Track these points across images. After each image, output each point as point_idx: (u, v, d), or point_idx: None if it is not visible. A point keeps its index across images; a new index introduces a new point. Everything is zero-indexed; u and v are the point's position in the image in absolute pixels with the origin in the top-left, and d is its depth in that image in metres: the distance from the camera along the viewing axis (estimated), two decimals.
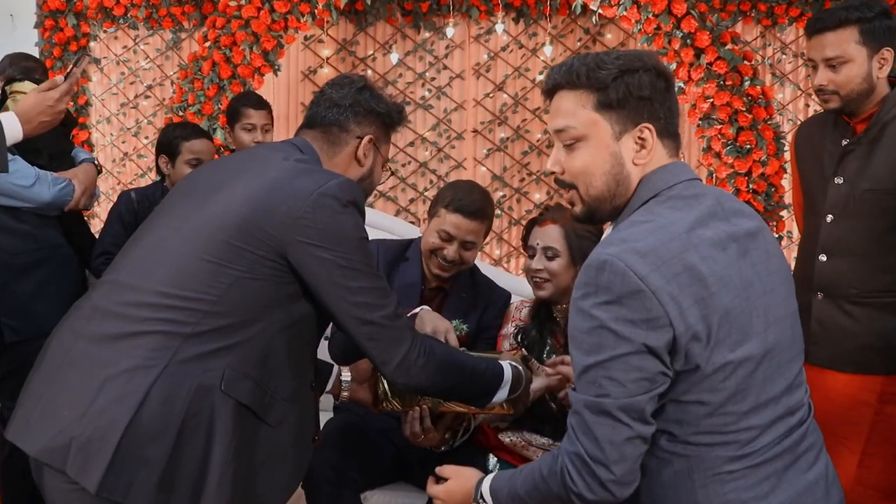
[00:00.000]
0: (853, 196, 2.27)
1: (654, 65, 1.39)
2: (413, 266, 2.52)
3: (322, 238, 1.53)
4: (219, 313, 1.50)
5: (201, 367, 1.48)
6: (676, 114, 1.44)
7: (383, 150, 1.79)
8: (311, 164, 1.66)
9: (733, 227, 1.38)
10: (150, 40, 4.77)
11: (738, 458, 1.32)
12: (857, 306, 2.30)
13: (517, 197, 4.74)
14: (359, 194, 1.61)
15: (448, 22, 4.45)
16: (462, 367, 1.75)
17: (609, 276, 1.26)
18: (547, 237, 2.29)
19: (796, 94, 4.50)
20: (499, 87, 4.66)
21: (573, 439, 1.31)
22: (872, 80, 2.21)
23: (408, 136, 4.73)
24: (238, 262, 1.51)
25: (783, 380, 1.38)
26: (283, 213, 1.52)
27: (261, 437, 1.56)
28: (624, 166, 1.40)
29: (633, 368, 1.26)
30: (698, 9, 3.69)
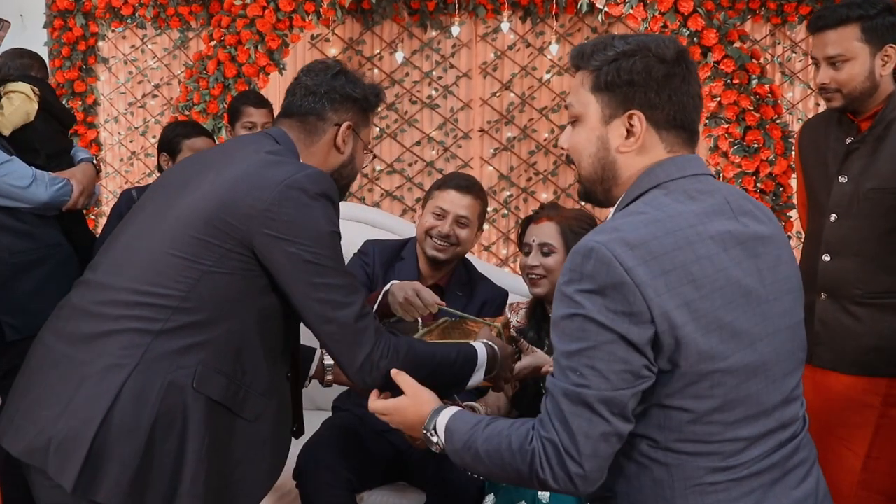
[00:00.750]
0: (857, 195, 2.23)
1: (658, 52, 1.34)
2: (409, 265, 2.52)
3: (287, 231, 1.50)
4: (188, 309, 1.48)
5: (173, 365, 1.47)
6: (689, 107, 1.37)
7: (363, 134, 1.77)
8: (284, 154, 1.63)
9: (741, 228, 1.33)
10: (157, 40, 4.78)
11: (721, 470, 1.27)
12: (861, 307, 2.26)
13: (524, 196, 4.71)
14: (330, 186, 1.57)
15: (455, 21, 4.44)
16: (429, 362, 1.69)
17: (594, 265, 1.23)
18: (543, 234, 2.29)
19: (806, 93, 4.44)
20: (506, 87, 4.64)
21: (548, 425, 1.26)
22: (875, 78, 2.18)
23: (414, 136, 4.71)
24: (206, 256, 1.49)
25: (778, 393, 1.33)
26: (247, 205, 1.50)
27: (237, 432, 1.55)
28: (609, 151, 1.37)
29: (617, 360, 1.22)
30: (705, 7, 3.66)
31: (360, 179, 4.74)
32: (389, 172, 4.75)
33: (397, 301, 2.13)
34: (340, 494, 2.21)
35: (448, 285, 2.52)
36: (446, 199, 2.43)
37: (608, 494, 1.33)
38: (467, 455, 1.38)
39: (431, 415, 1.47)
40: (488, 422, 1.38)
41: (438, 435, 1.44)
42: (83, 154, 2.76)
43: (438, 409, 1.47)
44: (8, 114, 2.51)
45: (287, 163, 1.60)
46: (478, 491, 2.23)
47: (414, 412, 1.52)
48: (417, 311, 2.11)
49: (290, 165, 1.59)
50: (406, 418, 1.54)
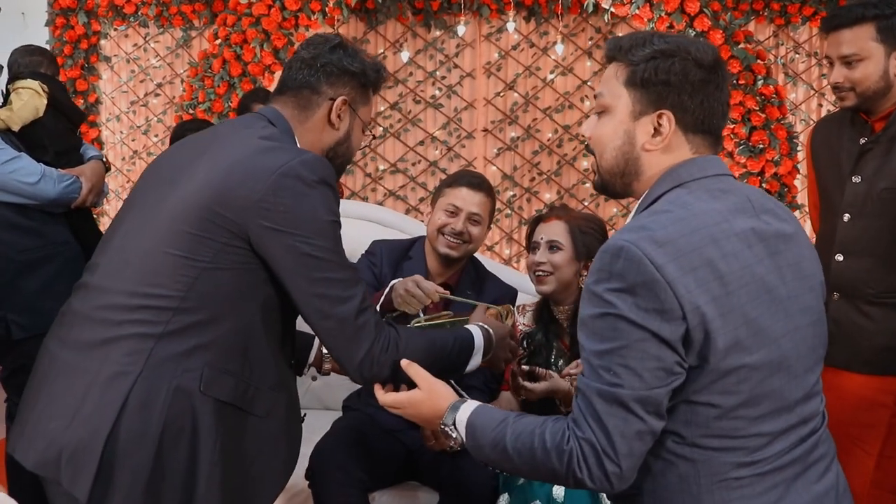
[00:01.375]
0: (871, 195, 2.23)
1: (696, 56, 1.34)
2: (417, 264, 2.51)
3: (285, 222, 1.43)
4: (189, 309, 1.43)
5: (178, 369, 1.42)
6: (717, 113, 1.38)
7: (362, 112, 1.69)
8: (279, 138, 1.56)
9: (763, 226, 1.33)
10: (160, 38, 4.77)
11: (746, 465, 1.28)
12: (874, 306, 2.26)
13: (527, 196, 4.71)
14: (328, 171, 1.50)
15: (459, 21, 4.43)
16: (428, 351, 1.63)
17: (624, 264, 1.23)
18: (551, 231, 2.29)
19: (809, 94, 4.45)
20: (509, 86, 4.64)
21: (584, 425, 1.26)
22: (889, 77, 2.18)
23: (418, 135, 4.71)
24: (202, 252, 1.44)
25: (800, 388, 1.34)
26: (242, 196, 1.43)
27: (249, 430, 1.52)
28: (634, 147, 1.38)
29: (651, 357, 1.22)
30: (711, 7, 3.66)
31: (364, 179, 4.73)
32: (393, 172, 4.74)
33: (398, 294, 2.13)
34: (353, 494, 2.20)
35: (458, 284, 2.52)
36: (458, 197, 2.42)
37: (634, 492, 1.33)
38: (493, 452, 1.37)
39: (450, 409, 1.46)
40: (515, 418, 1.37)
41: (458, 430, 1.43)
42: (93, 152, 2.75)
43: (457, 404, 1.46)
44: (17, 109, 2.50)
45: (282, 149, 1.52)
46: (492, 491, 2.22)
47: (430, 406, 1.51)
48: (419, 302, 2.10)
49: (285, 152, 1.50)
50: (421, 412, 1.52)
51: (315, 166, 1.47)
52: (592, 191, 4.69)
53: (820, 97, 4.45)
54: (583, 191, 4.71)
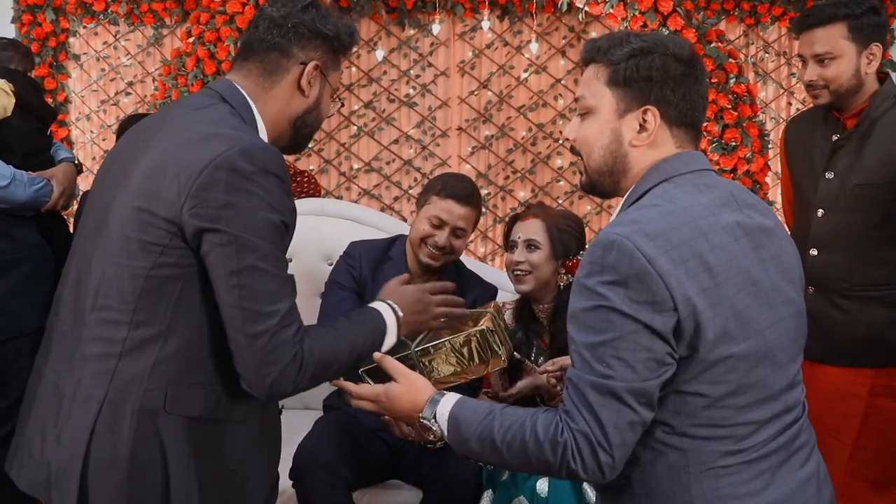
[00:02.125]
0: (844, 191, 2.28)
1: (675, 51, 1.37)
2: (397, 266, 2.49)
3: (215, 219, 1.30)
4: (143, 322, 1.34)
5: (141, 388, 1.34)
6: (698, 106, 1.41)
7: (332, 78, 1.56)
8: (225, 119, 1.41)
9: (747, 219, 1.36)
10: (130, 36, 4.71)
11: (733, 453, 1.31)
12: (848, 300, 2.31)
13: (502, 195, 4.73)
14: (273, 160, 1.36)
15: (433, 19, 4.43)
16: (342, 351, 1.49)
17: (616, 256, 1.25)
18: (528, 230, 2.30)
19: (779, 93, 4.53)
20: (483, 85, 4.65)
21: (577, 417, 1.27)
22: (861, 75, 2.23)
23: (392, 134, 4.70)
24: (145, 258, 1.34)
25: (784, 378, 1.37)
26: (175, 193, 1.32)
27: (228, 439, 1.44)
28: (622, 144, 1.40)
29: (643, 349, 1.24)
30: (684, 7, 3.70)
31: (338, 178, 4.72)
32: (367, 171, 4.73)
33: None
34: (338, 493, 2.20)
35: None
36: (444, 210, 2.39)
37: (623, 482, 1.35)
38: (479, 445, 1.37)
39: (430, 402, 1.44)
40: (501, 410, 1.37)
41: (439, 423, 1.42)
42: (64, 153, 2.69)
43: (437, 397, 1.45)
44: None
45: (218, 136, 1.36)
46: (475, 487, 2.23)
47: (408, 399, 1.48)
48: None
49: (223, 140, 1.35)
50: (398, 405, 1.49)
51: (254, 155, 1.34)
52: (567, 188, 4.72)
53: (789, 96, 4.53)
54: (557, 189, 4.74)
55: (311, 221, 2.94)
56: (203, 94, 1.50)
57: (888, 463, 2.33)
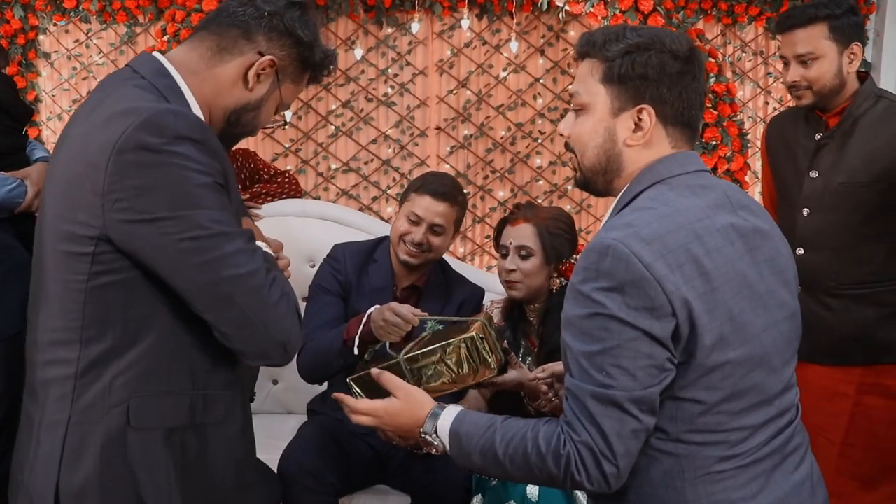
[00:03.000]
0: (828, 189, 2.30)
1: (672, 48, 1.34)
2: (382, 268, 2.47)
3: (143, 208, 1.17)
4: (94, 339, 1.24)
5: (104, 408, 1.25)
6: (695, 105, 1.37)
7: (285, 89, 1.41)
8: (128, 98, 1.25)
9: (741, 222, 1.35)
10: (103, 34, 4.61)
11: (728, 458, 1.30)
12: (834, 298, 2.33)
13: (481, 194, 4.71)
14: (184, 123, 1.21)
15: (412, 18, 4.40)
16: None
17: (612, 262, 1.22)
18: (520, 236, 2.26)
19: (756, 92, 4.55)
20: (462, 84, 4.62)
21: (579, 428, 1.25)
22: (843, 74, 2.25)
23: (370, 134, 4.66)
24: (78, 270, 1.23)
25: (779, 382, 1.36)
26: (89, 193, 1.20)
27: (210, 444, 1.35)
28: (616, 144, 1.37)
29: (643, 356, 1.22)
30: (664, 6, 3.70)
31: (316, 178, 4.67)
32: (345, 171, 4.68)
33: (378, 326, 2.09)
34: (325, 500, 2.17)
35: (425, 286, 2.49)
36: (421, 206, 2.38)
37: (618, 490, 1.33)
38: (481, 459, 1.35)
39: (430, 417, 1.43)
40: (502, 423, 1.35)
41: (440, 438, 1.40)
42: (40, 152, 2.62)
43: (437, 411, 1.43)
44: None
45: (118, 114, 1.21)
46: (464, 492, 2.21)
47: (408, 414, 1.46)
48: (400, 329, 2.06)
49: (121, 118, 1.20)
50: (398, 421, 1.48)
51: (160, 123, 1.19)
52: (546, 188, 4.71)
53: (766, 95, 4.55)
54: (536, 188, 4.73)
55: (292, 222, 2.90)
56: (117, 72, 1.37)
57: (876, 460, 2.35)
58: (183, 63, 1.36)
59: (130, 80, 1.31)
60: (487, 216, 4.72)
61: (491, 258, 4.74)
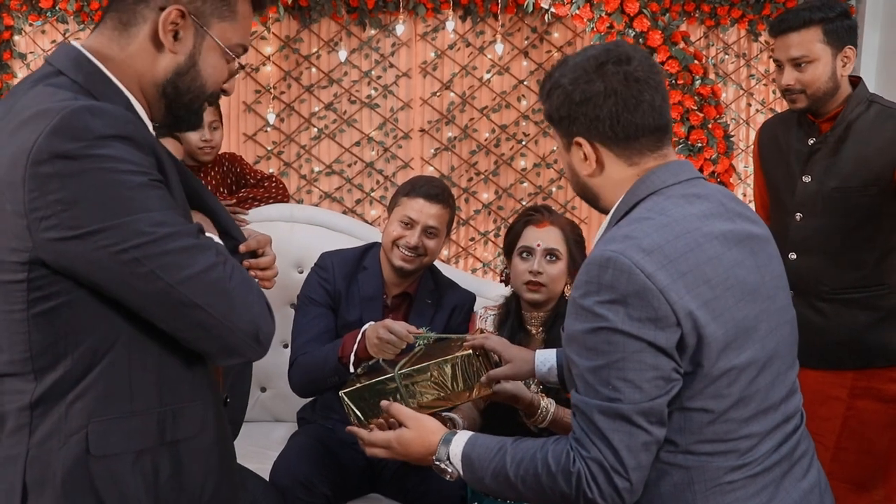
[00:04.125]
0: (821, 194, 2.31)
1: (572, 76, 1.34)
2: (372, 275, 2.44)
3: (71, 225, 1.06)
4: (46, 368, 1.14)
5: (61, 437, 1.15)
6: (631, 108, 1.31)
7: (217, 30, 1.24)
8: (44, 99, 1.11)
9: (738, 228, 1.35)
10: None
11: (738, 468, 1.29)
12: (827, 303, 2.33)
13: (465, 197, 4.68)
14: (105, 121, 1.08)
15: (395, 20, 4.37)
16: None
17: (613, 274, 1.22)
18: (549, 239, 2.19)
19: (738, 94, 4.57)
20: (446, 86, 4.60)
21: (588, 444, 1.25)
22: (837, 78, 2.26)
23: (354, 136, 4.62)
24: (15, 299, 1.12)
25: (783, 386, 1.37)
26: (9, 213, 1.08)
27: (185, 460, 1.25)
28: (579, 176, 1.42)
29: (649, 367, 1.21)
30: (650, 8, 3.70)
31: (299, 181, 4.62)
32: (328, 174, 4.64)
33: (372, 343, 2.06)
34: None
35: (416, 293, 2.47)
36: (414, 209, 2.36)
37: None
38: (494, 482, 1.36)
39: (442, 443, 1.43)
40: (512, 444, 1.35)
41: (453, 464, 1.41)
42: None
43: (448, 437, 1.43)
44: None
45: (28, 121, 1.08)
46: (460, 500, 2.19)
47: (420, 444, 1.46)
48: (394, 347, 2.04)
49: (31, 125, 1.07)
50: (411, 450, 1.48)
51: (78, 125, 1.06)
52: (530, 190, 4.70)
53: (749, 97, 4.58)
54: (520, 190, 4.72)
55: (280, 228, 2.86)
56: (33, 73, 1.22)
57: (868, 464, 2.36)
58: (96, 51, 1.21)
59: (43, 80, 1.17)
60: (472, 218, 4.70)
61: (476, 260, 4.73)
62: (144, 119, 1.26)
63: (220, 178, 3.00)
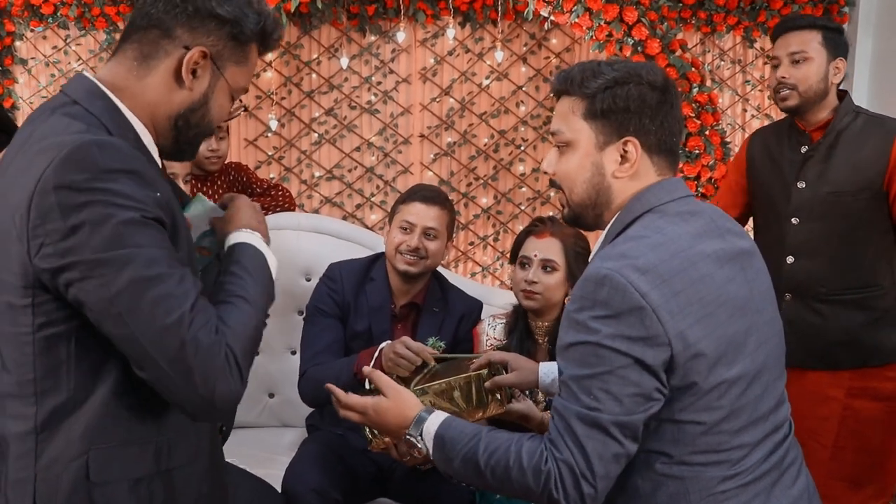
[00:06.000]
0: (816, 199, 2.41)
1: (649, 79, 1.38)
2: (380, 285, 2.48)
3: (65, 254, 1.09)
4: (49, 391, 1.17)
5: (64, 462, 1.18)
6: (675, 131, 1.42)
7: (231, 72, 1.29)
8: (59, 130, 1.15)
9: (728, 245, 1.40)
10: (82, 41, 4.55)
11: (730, 478, 1.34)
12: (825, 304, 2.42)
13: (465, 202, 4.73)
14: (109, 154, 1.11)
15: (395, 26, 4.40)
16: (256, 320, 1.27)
17: (609, 292, 1.26)
18: (547, 249, 2.26)
19: (734, 100, 4.63)
20: (445, 92, 4.64)
21: (562, 447, 1.28)
22: (828, 82, 2.39)
23: (354, 141, 4.66)
24: (21, 323, 1.16)
25: (772, 397, 1.42)
26: (16, 239, 1.12)
27: (179, 487, 1.27)
28: (605, 177, 1.41)
29: (630, 383, 1.26)
30: (648, 17, 3.75)
31: (299, 186, 4.65)
32: (328, 179, 4.67)
33: (388, 359, 2.09)
34: None
35: (424, 302, 2.50)
36: (412, 213, 2.40)
37: None
38: (462, 466, 1.37)
39: (417, 419, 1.44)
40: (487, 433, 1.38)
41: (424, 441, 1.42)
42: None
43: (424, 415, 1.44)
44: None
45: (42, 152, 1.12)
46: None
47: (396, 414, 1.47)
48: (410, 363, 2.06)
49: (43, 156, 1.11)
50: (385, 420, 1.49)
51: (82, 159, 1.09)
52: (529, 195, 4.74)
53: (744, 102, 4.63)
54: (519, 195, 4.76)
55: (287, 236, 2.90)
56: (50, 100, 1.27)
57: (864, 461, 2.44)
58: (111, 82, 1.25)
59: (61, 108, 1.21)
60: (471, 223, 4.74)
61: (475, 265, 4.77)
62: (151, 149, 1.30)
63: (226, 187, 3.03)
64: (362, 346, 2.33)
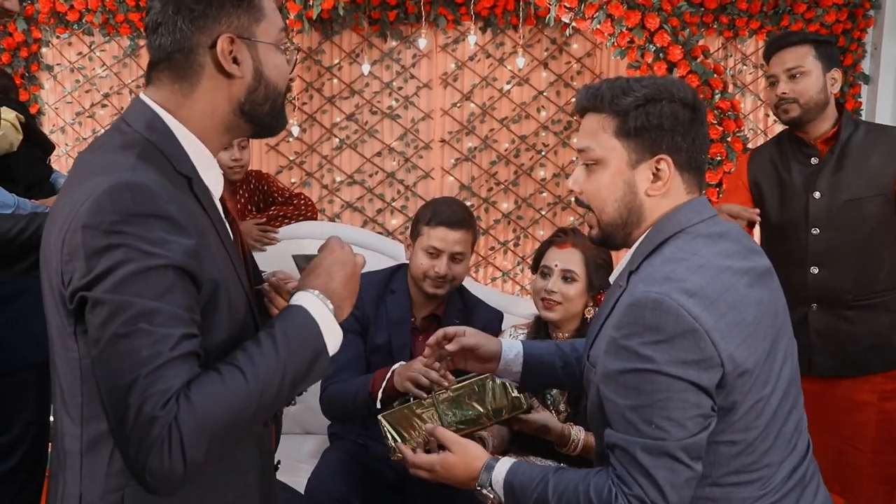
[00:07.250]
0: (834, 207, 2.43)
1: (681, 96, 1.37)
2: (400, 298, 2.47)
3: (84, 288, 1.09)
4: (93, 417, 1.16)
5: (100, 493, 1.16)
6: (704, 148, 1.41)
7: (261, 32, 1.25)
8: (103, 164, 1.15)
9: (755, 265, 1.39)
10: (106, 47, 4.61)
11: (761, 497, 1.34)
12: (853, 310, 2.44)
13: (485, 207, 4.73)
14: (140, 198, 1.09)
15: (416, 31, 4.42)
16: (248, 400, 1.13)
17: (661, 316, 1.25)
18: (567, 260, 2.27)
19: (756, 105, 4.60)
20: (466, 97, 4.64)
21: (630, 482, 1.27)
22: (828, 93, 2.43)
23: (375, 146, 4.68)
24: (69, 346, 1.16)
25: (797, 412, 1.41)
26: (56, 268, 1.13)
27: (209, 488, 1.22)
28: (637, 195, 1.40)
29: (691, 405, 1.25)
30: (671, 23, 3.74)
31: (321, 191, 4.68)
32: (350, 184, 4.70)
33: (404, 381, 2.06)
34: None
35: (444, 314, 2.51)
36: (438, 238, 2.38)
37: None
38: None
39: (485, 469, 1.45)
40: (554, 473, 1.39)
41: (495, 490, 1.43)
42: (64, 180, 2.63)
43: (491, 463, 1.45)
44: None
45: (82, 188, 1.12)
46: None
47: (463, 468, 1.48)
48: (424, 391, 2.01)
49: (81, 192, 1.12)
50: (454, 475, 1.50)
51: (117, 199, 1.08)
52: (549, 200, 4.74)
53: (766, 107, 4.60)
54: (539, 200, 4.76)
55: (309, 245, 2.91)
56: (112, 126, 1.26)
57: None
58: (165, 102, 1.25)
59: (119, 137, 1.21)
60: (492, 228, 4.75)
61: (495, 269, 4.78)
62: (210, 163, 1.29)
63: (248, 195, 3.05)
64: (382, 360, 2.33)
